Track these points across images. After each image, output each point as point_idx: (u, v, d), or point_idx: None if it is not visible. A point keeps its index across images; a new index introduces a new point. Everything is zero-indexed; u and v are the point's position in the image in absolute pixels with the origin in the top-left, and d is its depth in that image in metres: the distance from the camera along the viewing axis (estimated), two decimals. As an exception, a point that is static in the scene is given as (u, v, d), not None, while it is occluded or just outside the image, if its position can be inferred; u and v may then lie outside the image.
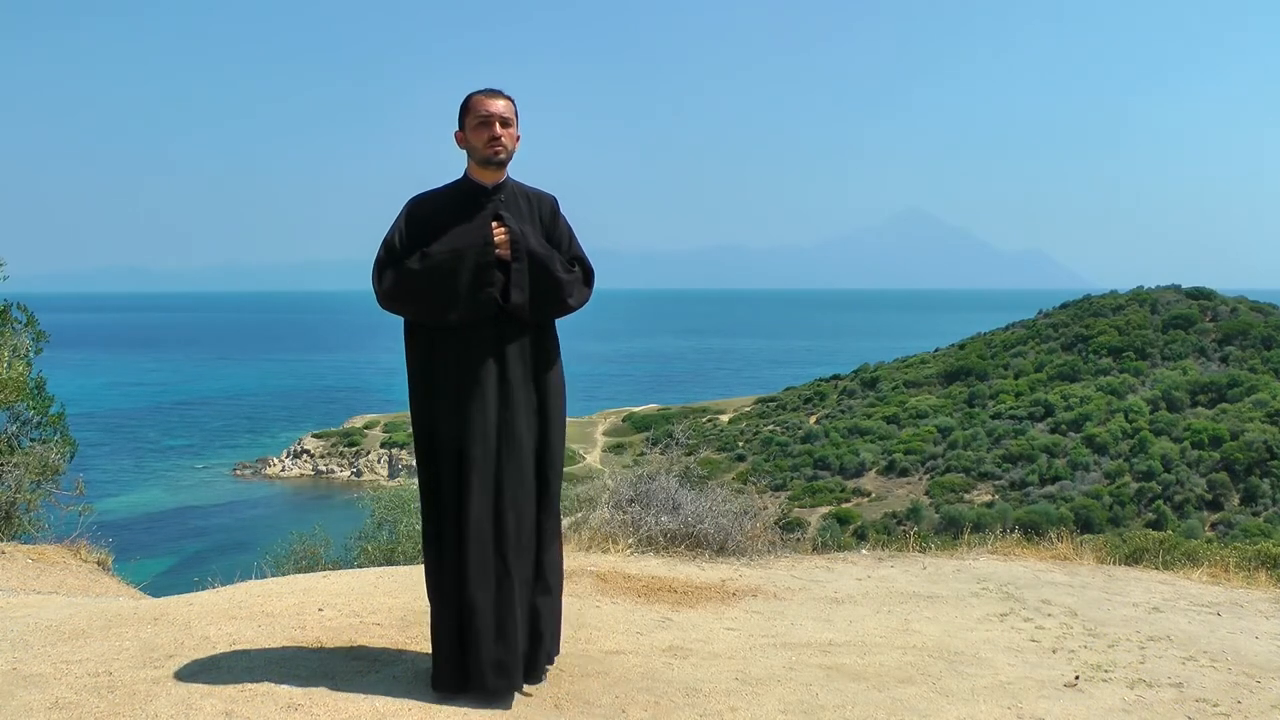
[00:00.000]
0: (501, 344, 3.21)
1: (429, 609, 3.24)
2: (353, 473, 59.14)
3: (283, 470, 61.11)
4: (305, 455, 61.69)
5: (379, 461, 59.47)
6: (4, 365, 7.83)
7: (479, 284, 3.15)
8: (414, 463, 3.39)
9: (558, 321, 3.40)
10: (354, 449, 61.24)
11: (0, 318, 8.33)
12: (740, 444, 53.25)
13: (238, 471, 61.21)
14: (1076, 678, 3.81)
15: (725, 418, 60.91)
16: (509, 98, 3.23)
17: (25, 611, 4.26)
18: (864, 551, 6.83)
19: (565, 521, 6.10)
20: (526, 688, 3.23)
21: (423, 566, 3.30)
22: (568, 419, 3.44)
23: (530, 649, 3.25)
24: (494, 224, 3.20)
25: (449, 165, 3.35)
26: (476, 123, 3.20)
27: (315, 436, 63.84)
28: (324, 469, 60.51)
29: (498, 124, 3.18)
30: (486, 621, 3.11)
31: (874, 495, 43.77)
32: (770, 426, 55.62)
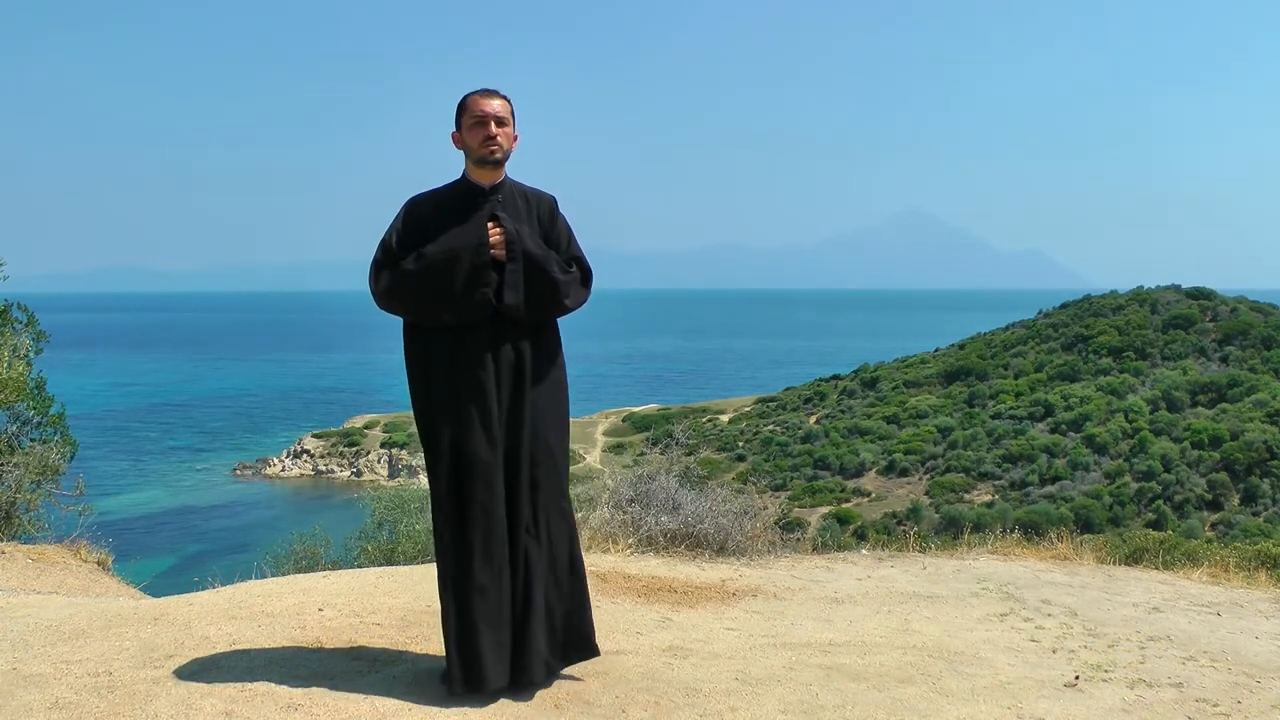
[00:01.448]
0: (498, 344, 3.20)
1: (439, 609, 3.23)
2: (353, 473, 59.10)
3: (283, 470, 61.09)
4: (305, 455, 61.67)
5: (379, 461, 59.45)
6: (4, 365, 7.83)
7: (473, 285, 3.15)
8: (414, 463, 3.38)
9: (558, 321, 3.40)
10: (354, 449, 61.22)
11: (0, 318, 8.33)
12: (740, 444, 53.24)
13: (238, 472, 61.19)
14: (1076, 678, 3.81)
15: (725, 418, 60.90)
16: (505, 97, 3.23)
17: (25, 611, 4.25)
18: (864, 551, 6.83)
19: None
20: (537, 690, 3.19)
21: (422, 567, 3.29)
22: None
23: (544, 643, 3.21)
24: (489, 224, 3.21)
25: (450, 166, 3.36)
26: (472, 122, 3.21)
27: (315, 436, 63.83)
28: (324, 469, 60.49)
29: (493, 123, 3.18)
30: (491, 619, 3.11)
31: (874, 495, 43.76)
32: (770, 426, 55.61)
